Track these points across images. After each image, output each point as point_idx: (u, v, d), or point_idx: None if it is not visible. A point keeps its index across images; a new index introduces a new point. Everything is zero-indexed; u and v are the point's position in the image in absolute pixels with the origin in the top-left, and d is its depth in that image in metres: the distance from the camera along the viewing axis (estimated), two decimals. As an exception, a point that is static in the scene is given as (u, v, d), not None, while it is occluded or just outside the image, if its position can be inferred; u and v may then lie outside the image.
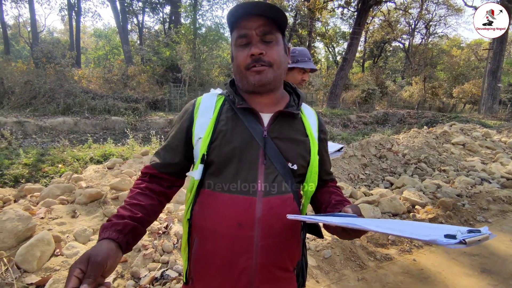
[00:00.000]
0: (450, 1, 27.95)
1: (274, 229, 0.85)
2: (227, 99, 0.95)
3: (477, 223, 3.67)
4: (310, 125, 0.97)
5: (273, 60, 0.87)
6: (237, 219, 0.83)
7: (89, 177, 3.65)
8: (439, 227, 0.63)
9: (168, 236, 2.64)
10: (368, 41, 32.12)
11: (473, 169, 5.68)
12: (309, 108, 1.04)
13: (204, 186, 0.90)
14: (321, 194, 1.03)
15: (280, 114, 0.91)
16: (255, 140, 0.87)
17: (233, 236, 0.83)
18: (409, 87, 23.46)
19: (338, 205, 0.94)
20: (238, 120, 0.90)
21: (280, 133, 0.90)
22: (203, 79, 17.74)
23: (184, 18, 21.87)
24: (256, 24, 0.85)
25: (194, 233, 0.91)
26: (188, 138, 0.94)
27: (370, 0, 16.29)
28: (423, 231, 0.60)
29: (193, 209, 0.92)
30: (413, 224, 0.73)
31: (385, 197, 3.72)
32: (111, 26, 39.04)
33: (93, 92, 13.95)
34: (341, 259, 2.57)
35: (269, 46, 0.87)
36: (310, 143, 0.94)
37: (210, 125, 0.89)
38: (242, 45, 0.88)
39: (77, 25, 24.01)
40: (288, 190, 0.89)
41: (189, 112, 0.96)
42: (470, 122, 11.13)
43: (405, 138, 6.88)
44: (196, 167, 0.89)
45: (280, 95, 0.97)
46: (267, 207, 0.84)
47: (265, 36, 0.86)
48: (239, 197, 0.84)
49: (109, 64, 21.90)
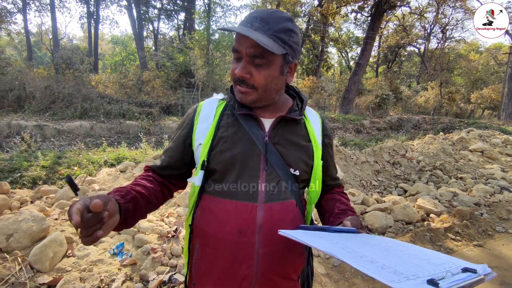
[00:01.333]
0: (468, 5, 27.28)
1: (275, 236, 0.81)
2: (228, 104, 0.94)
3: (496, 233, 3.52)
4: (314, 130, 0.95)
5: (258, 85, 0.83)
6: (238, 226, 0.82)
7: (102, 179, 3.73)
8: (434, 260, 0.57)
9: (177, 240, 2.66)
10: (382, 46, 31.71)
11: (492, 177, 5.48)
12: (313, 112, 1.02)
13: (206, 191, 0.89)
14: (326, 201, 1.01)
15: (282, 119, 0.89)
16: (256, 145, 0.86)
17: (234, 243, 0.82)
18: (425, 92, 22.95)
19: (340, 214, 0.91)
20: (239, 125, 0.88)
21: (282, 138, 0.88)
22: (216, 84, 17.93)
23: (198, 24, 22.27)
24: (247, 44, 0.78)
25: (196, 239, 0.90)
26: (188, 143, 0.93)
27: (385, 4, 16.12)
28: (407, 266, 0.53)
29: (194, 214, 0.91)
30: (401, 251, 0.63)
31: (398, 205, 3.63)
32: (128, 32, 40.14)
33: (109, 97, 14.33)
34: (351, 268, 2.51)
35: (258, 70, 0.81)
36: (313, 148, 0.92)
37: (210, 131, 0.88)
38: (235, 58, 0.85)
39: (96, 32, 24.81)
40: (290, 196, 0.87)
41: (190, 117, 0.95)
42: (489, 128, 10.76)
43: (420, 145, 6.71)
44: (196, 173, 0.89)
45: (280, 103, 0.95)
46: (268, 213, 0.83)
47: (255, 59, 0.80)
48: (240, 203, 0.83)
49: (125, 69, 22.49)
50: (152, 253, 2.46)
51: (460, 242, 3.27)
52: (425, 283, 0.46)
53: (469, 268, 0.52)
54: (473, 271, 0.50)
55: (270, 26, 0.78)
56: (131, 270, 2.29)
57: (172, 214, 3.03)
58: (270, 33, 0.77)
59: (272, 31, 0.78)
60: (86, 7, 24.17)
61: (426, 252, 0.62)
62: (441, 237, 3.25)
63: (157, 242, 2.60)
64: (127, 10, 22.64)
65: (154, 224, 2.80)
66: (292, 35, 0.81)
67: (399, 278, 0.47)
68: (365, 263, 0.52)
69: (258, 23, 0.78)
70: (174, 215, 3.02)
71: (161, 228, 2.75)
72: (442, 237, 3.25)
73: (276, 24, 0.78)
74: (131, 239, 2.61)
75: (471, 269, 0.51)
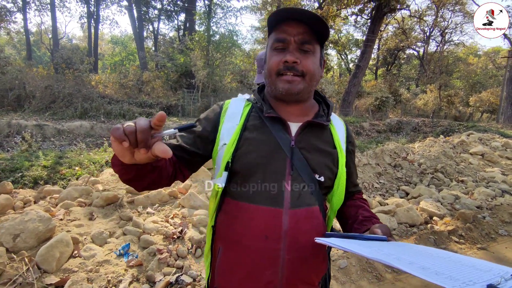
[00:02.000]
0: (467, 9, 27.46)
1: (300, 242, 0.82)
2: (254, 106, 0.93)
3: (499, 236, 3.54)
4: (339, 136, 0.94)
5: (307, 70, 0.84)
6: (264, 231, 0.81)
7: (106, 180, 3.72)
8: (480, 266, 0.57)
9: (182, 241, 2.65)
10: (382, 48, 31.83)
11: (493, 180, 5.50)
12: (338, 118, 1.01)
13: (229, 194, 0.88)
14: (347, 207, 0.99)
15: (308, 124, 0.88)
16: (282, 149, 0.84)
17: (259, 248, 0.81)
18: (424, 95, 23.05)
19: (365, 221, 0.90)
20: (265, 128, 0.87)
21: (308, 143, 0.87)
22: (216, 85, 17.92)
23: (198, 25, 22.28)
24: (296, 31, 0.82)
25: (218, 242, 0.89)
26: (211, 139, 0.90)
27: (385, 7, 16.19)
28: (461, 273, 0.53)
29: (217, 217, 0.90)
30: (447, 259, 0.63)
31: (402, 207, 3.64)
32: (128, 33, 40.08)
33: (109, 97, 14.31)
34: (357, 270, 2.51)
35: (306, 56, 0.84)
36: (338, 155, 0.91)
37: (236, 131, 0.87)
38: (278, 50, 0.85)
39: (96, 32, 24.77)
40: (315, 203, 0.86)
41: (216, 113, 0.93)
42: (488, 131, 10.81)
43: (421, 147, 6.73)
44: (220, 174, 0.86)
45: (309, 105, 0.95)
46: (294, 219, 0.82)
47: (303, 45, 0.83)
48: (265, 208, 0.82)
49: (124, 70, 22.44)
50: (158, 254, 2.46)
51: (464, 245, 3.28)
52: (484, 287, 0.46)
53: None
54: None
55: (313, 16, 0.81)
56: (138, 271, 2.28)
57: (177, 215, 3.03)
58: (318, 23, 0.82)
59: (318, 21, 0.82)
60: (87, 7, 24.13)
61: (467, 259, 0.62)
62: (445, 240, 3.26)
63: (163, 243, 2.59)
64: (127, 10, 22.65)
65: (159, 225, 2.80)
66: (328, 30, 0.84)
67: (459, 284, 0.47)
68: (419, 269, 0.52)
69: (299, 10, 0.81)
70: (179, 216, 3.02)
71: (166, 229, 2.74)
72: (446, 240, 3.27)
73: (314, 15, 0.81)
74: (136, 240, 2.61)
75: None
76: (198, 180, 3.64)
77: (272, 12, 0.83)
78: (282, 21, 0.84)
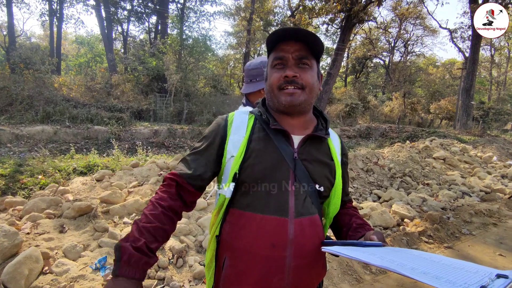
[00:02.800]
0: (426, 23, 29.58)
1: (305, 249, 0.86)
2: (258, 118, 0.96)
3: (462, 235, 3.80)
4: (335, 149, 1.00)
5: (306, 83, 0.89)
6: (271, 240, 0.84)
7: (77, 189, 3.52)
8: (468, 268, 0.63)
9: (163, 252, 2.57)
10: (351, 57, 33.25)
11: (454, 183, 5.92)
12: (333, 132, 1.07)
13: (234, 205, 0.90)
14: (341, 215, 1.04)
15: (309, 137, 0.93)
16: (285, 161, 0.88)
17: (267, 257, 0.84)
18: (390, 102, 24.35)
19: (359, 228, 0.96)
20: (270, 140, 0.91)
21: (309, 155, 0.92)
22: (189, 89, 17.68)
23: (170, 28, 21.89)
24: (294, 48, 0.88)
25: (224, 251, 0.91)
26: (220, 154, 0.93)
27: (354, 18, 16.96)
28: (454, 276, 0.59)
29: (221, 227, 0.92)
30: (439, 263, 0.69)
31: (376, 211, 3.80)
32: (94, 33, 38.37)
33: (74, 100, 13.58)
34: (338, 273, 2.58)
35: (304, 70, 0.90)
36: (335, 166, 0.96)
37: (243, 143, 0.90)
38: (278, 67, 0.91)
39: (59, 32, 23.44)
40: (315, 211, 0.91)
41: (222, 127, 0.96)
42: (447, 137, 11.64)
43: (390, 152, 7.09)
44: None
45: (309, 118, 0.99)
46: (299, 228, 0.85)
47: (301, 60, 0.89)
48: (272, 218, 0.85)
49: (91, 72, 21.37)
50: (138, 266, 2.35)
51: (433, 244, 3.49)
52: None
53: (501, 274, 0.58)
54: (505, 277, 0.56)
55: (309, 35, 0.88)
56: (116, 285, 2.17)
57: (156, 224, 2.93)
58: (312, 40, 0.88)
59: (313, 39, 0.88)
60: (48, 4, 22.78)
61: (456, 262, 0.68)
62: (416, 241, 3.44)
63: (142, 255, 2.49)
64: (95, 10, 21.71)
65: (137, 236, 2.69)
66: (322, 46, 0.91)
67: (457, 286, 0.52)
68: (420, 275, 0.57)
69: (294, 29, 0.87)
70: (157, 226, 2.92)
71: (145, 240, 2.64)
72: (417, 241, 3.45)
73: (310, 33, 0.88)
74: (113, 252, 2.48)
75: (503, 275, 0.57)
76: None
77: (271, 33, 0.90)
78: (280, 40, 0.90)
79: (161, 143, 11.66)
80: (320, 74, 0.98)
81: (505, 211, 4.62)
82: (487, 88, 35.46)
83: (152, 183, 3.65)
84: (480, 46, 19.67)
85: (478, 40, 17.71)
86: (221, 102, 17.43)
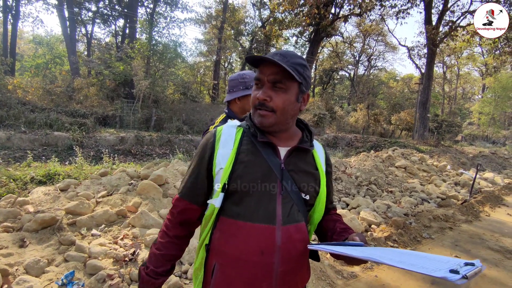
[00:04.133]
0: (387, 40, 31.77)
1: (291, 255, 0.91)
2: (246, 131, 1.00)
3: (423, 239, 4.08)
4: (320, 159, 1.06)
5: (276, 107, 0.93)
6: (260, 247, 0.88)
7: (38, 200, 3.28)
8: (439, 259, 0.73)
9: (135, 264, 2.48)
10: (318, 68, 34.61)
11: (414, 190, 6.33)
12: (318, 143, 1.14)
13: (224, 213, 0.94)
14: (325, 221, 1.11)
15: (295, 149, 0.99)
16: (273, 172, 0.94)
17: (256, 263, 0.88)
18: (355, 113, 25.59)
19: (343, 232, 1.02)
20: (258, 152, 0.96)
21: (295, 166, 0.98)
22: (158, 96, 17.25)
23: (139, 33, 21.32)
24: (270, 71, 0.92)
25: (213, 258, 0.94)
26: (209, 168, 0.98)
27: (322, 32, 17.76)
28: (428, 264, 0.68)
29: (212, 235, 0.95)
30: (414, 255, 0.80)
31: (346, 218, 3.96)
32: (55, 33, 36.21)
33: (31, 104, 12.67)
34: (312, 279, 2.65)
35: (277, 94, 0.93)
36: (320, 176, 1.02)
37: (231, 156, 0.94)
38: (256, 87, 0.96)
39: (14, 30, 21.79)
40: (301, 219, 0.97)
41: (211, 142, 1.00)
42: (407, 147, 12.45)
43: (357, 161, 7.44)
44: (217, 195, 0.93)
45: (292, 132, 1.05)
46: (286, 235, 0.91)
47: (275, 83, 0.92)
48: (260, 226, 0.90)
49: (50, 74, 20.02)
50: (109, 280, 2.25)
51: (397, 248, 3.70)
52: (448, 272, 0.61)
53: (469, 262, 0.67)
54: (472, 264, 0.66)
55: (288, 59, 0.92)
56: (85, 302, 2.05)
57: (127, 235, 2.82)
58: (289, 64, 0.90)
59: (290, 63, 0.91)
60: (2, 1, 21.18)
61: (428, 255, 0.79)
62: (382, 246, 3.63)
63: (113, 268, 2.38)
64: (56, 9, 20.53)
65: (107, 248, 2.57)
66: (305, 69, 0.96)
67: (429, 270, 0.62)
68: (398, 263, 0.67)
69: (278, 56, 0.91)
70: (129, 237, 2.81)
71: (116, 252, 2.53)
72: (384, 245, 3.64)
73: (292, 58, 0.93)
74: (81, 266, 2.35)
75: (470, 263, 0.67)
76: (149, 197, 3.45)
77: (247, 56, 0.95)
78: (260, 63, 0.95)
79: (128, 150, 11.21)
80: (306, 94, 1.01)
81: (459, 215, 5.04)
82: (441, 102, 38.60)
83: (122, 193, 3.50)
84: (434, 63, 21.46)
85: (432, 58, 19.32)
86: (191, 109, 17.19)
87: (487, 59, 31.36)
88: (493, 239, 4.20)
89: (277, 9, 19.05)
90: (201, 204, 1.00)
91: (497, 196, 6.54)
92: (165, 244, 1.00)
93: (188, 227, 1.05)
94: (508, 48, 18.31)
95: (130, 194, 3.53)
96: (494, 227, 4.74)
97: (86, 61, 18.62)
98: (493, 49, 19.98)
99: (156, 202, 3.44)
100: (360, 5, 16.79)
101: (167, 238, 1.00)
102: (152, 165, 4.85)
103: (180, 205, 1.00)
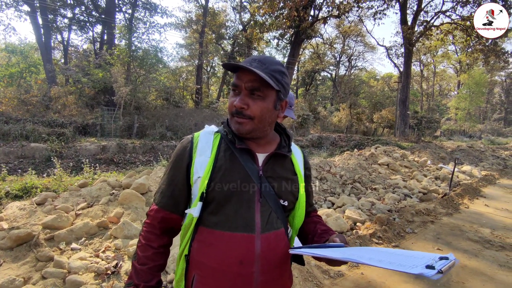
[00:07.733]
0: (366, 40, 32.57)
1: (271, 264, 0.90)
2: (223, 137, 0.98)
3: (406, 234, 4.17)
4: (298, 164, 1.05)
5: (254, 115, 0.90)
6: (239, 257, 0.87)
7: (12, 216, 3.13)
8: (416, 255, 0.74)
9: (118, 276, 2.40)
10: (300, 70, 35.04)
11: (397, 186, 6.48)
12: (296, 147, 1.12)
13: (203, 223, 0.92)
14: (306, 224, 1.10)
15: (273, 155, 0.97)
16: (251, 179, 0.92)
17: (235, 273, 0.86)
18: (338, 112, 26.03)
19: (324, 234, 1.02)
20: (236, 159, 0.94)
21: (274, 172, 0.96)
22: (139, 102, 16.96)
23: (118, 39, 20.90)
24: (248, 78, 0.89)
25: (193, 269, 0.92)
26: (187, 176, 0.95)
27: (302, 34, 17.99)
28: (405, 261, 0.70)
29: (191, 246, 0.93)
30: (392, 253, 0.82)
31: (331, 217, 4.00)
32: (29, 41, 34.96)
33: (5, 115, 12.18)
34: (299, 281, 2.65)
35: (255, 101, 0.90)
36: (298, 180, 1.02)
37: (209, 164, 0.92)
38: (233, 93, 0.93)
39: (-14, 39, 20.96)
40: (280, 225, 0.95)
41: (188, 150, 0.97)
42: (389, 144, 12.75)
43: (341, 160, 7.54)
44: (195, 205, 0.91)
45: (270, 138, 1.03)
46: (265, 243, 0.89)
47: (253, 91, 0.90)
48: (239, 235, 0.88)
49: (25, 83, 19.27)
50: (90, 296, 2.17)
51: (382, 244, 3.76)
52: (424, 268, 0.63)
53: (443, 256, 0.70)
54: (446, 258, 0.68)
55: (266, 66, 0.89)
56: (65, 320, 1.97)
57: (109, 247, 2.73)
58: (267, 72, 0.88)
59: (268, 70, 0.89)
60: (-27, 9, 20.32)
61: (406, 251, 0.81)
62: (368, 242, 3.69)
63: (94, 282, 2.30)
64: (29, 16, 19.87)
65: (88, 262, 2.48)
66: (284, 76, 0.93)
67: (406, 267, 0.64)
68: (377, 262, 0.69)
69: (257, 63, 0.88)
70: (111, 249, 2.73)
71: (98, 265, 2.44)
72: (369, 242, 3.70)
73: (271, 65, 0.90)
74: (61, 283, 2.25)
75: (444, 257, 0.69)
76: (132, 206, 3.36)
77: (224, 63, 0.92)
78: (237, 69, 0.92)
79: (110, 159, 10.94)
80: (284, 102, 0.98)
81: (440, 209, 5.19)
82: (419, 99, 39.84)
83: (103, 203, 3.40)
84: (411, 62, 22.14)
85: (409, 57, 19.94)
86: (174, 115, 16.97)
87: (460, 57, 32.72)
88: (472, 230, 4.35)
89: (258, 12, 19.18)
90: (182, 213, 0.98)
91: (475, 188, 6.79)
92: (151, 257, 0.96)
93: (172, 235, 1.03)
94: (480, 46, 19.15)
95: (112, 204, 3.43)
96: (473, 218, 4.91)
97: (63, 69, 18.10)
98: (465, 47, 20.83)
99: (139, 211, 3.36)
100: (338, 7, 17.15)
101: (152, 250, 0.97)
102: (134, 173, 4.74)
103: (159, 216, 0.97)
